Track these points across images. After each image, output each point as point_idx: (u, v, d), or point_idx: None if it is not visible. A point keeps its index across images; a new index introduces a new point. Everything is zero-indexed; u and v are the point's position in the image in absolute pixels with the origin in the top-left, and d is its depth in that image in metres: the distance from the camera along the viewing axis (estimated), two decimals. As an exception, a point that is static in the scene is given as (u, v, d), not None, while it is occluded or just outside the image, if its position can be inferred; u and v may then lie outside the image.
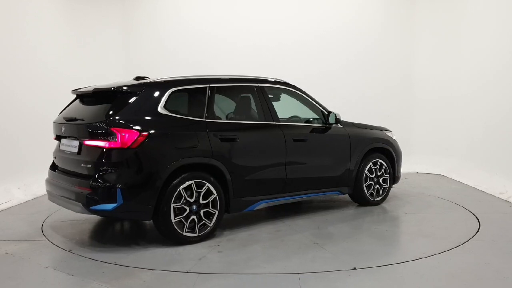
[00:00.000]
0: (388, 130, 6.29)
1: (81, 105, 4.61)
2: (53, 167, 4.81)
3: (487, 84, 7.44)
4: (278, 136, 4.98)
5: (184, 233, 4.22)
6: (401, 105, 9.19)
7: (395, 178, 6.16)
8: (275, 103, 5.64)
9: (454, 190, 6.98)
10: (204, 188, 4.32)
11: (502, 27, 7.01)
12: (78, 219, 5.25)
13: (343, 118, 5.72)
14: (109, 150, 4.03)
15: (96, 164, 4.07)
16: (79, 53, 8.53)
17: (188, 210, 4.23)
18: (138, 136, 4.04)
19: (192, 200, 4.25)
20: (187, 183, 4.22)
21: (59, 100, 6.14)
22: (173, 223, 4.15)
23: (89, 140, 4.18)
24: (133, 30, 9.45)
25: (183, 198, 4.20)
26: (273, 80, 5.39)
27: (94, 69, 8.55)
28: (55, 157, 4.82)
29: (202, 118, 4.49)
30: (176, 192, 4.15)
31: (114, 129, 4.01)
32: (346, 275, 3.52)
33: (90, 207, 3.99)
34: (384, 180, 5.95)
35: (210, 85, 4.68)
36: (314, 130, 5.39)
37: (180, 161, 4.20)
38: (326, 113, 5.50)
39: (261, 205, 4.90)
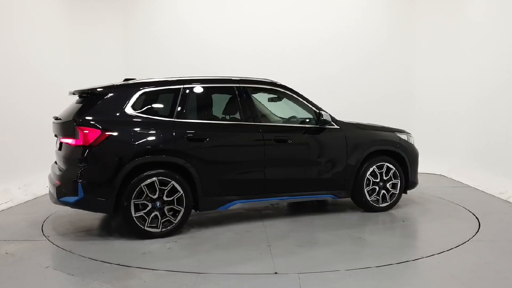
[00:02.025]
0: (403, 132, 5.88)
1: (74, 105, 4.80)
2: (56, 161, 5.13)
3: (487, 85, 7.44)
4: (255, 136, 4.90)
5: (146, 228, 4.42)
6: (401, 105, 9.20)
7: (409, 184, 5.71)
8: (275, 104, 5.64)
9: (454, 190, 6.99)
10: (168, 186, 4.47)
11: (502, 30, 7.01)
12: (78, 219, 5.26)
13: (345, 119, 5.62)
14: (75, 147, 4.38)
15: (66, 160, 4.51)
16: (79, 54, 8.52)
17: (150, 206, 4.43)
18: (100, 135, 4.31)
19: (155, 197, 4.43)
20: (150, 180, 4.40)
21: (58, 100, 6.14)
22: (134, 218, 4.37)
23: (63, 137, 4.60)
24: (132, 33, 9.45)
25: (144, 195, 4.40)
26: (258, 80, 5.29)
27: (93, 71, 8.56)
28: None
29: (172, 118, 4.63)
30: (138, 189, 4.37)
31: (78, 128, 4.33)
32: (346, 275, 3.52)
33: (59, 199, 4.42)
34: (394, 186, 5.57)
35: (184, 86, 4.81)
36: (300, 130, 5.22)
37: (141, 159, 4.40)
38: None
39: (236, 205, 4.93)
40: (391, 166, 5.54)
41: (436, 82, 8.93)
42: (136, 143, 4.41)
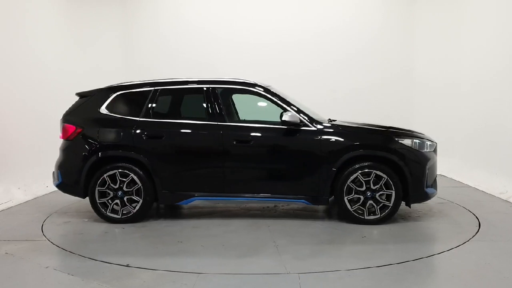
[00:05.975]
0: (410, 136, 5.00)
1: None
2: None
3: (487, 84, 7.44)
4: (214, 136, 4.99)
5: (107, 213, 5.05)
6: (400, 105, 9.21)
7: (410, 197, 4.90)
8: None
9: (454, 190, 6.98)
10: (128, 178, 5.01)
11: (503, 26, 7.01)
12: (78, 219, 5.28)
13: (341, 117, 5.56)
14: (62, 140, 5.25)
15: (59, 151, 5.29)
16: (80, 54, 8.53)
17: (111, 195, 5.03)
18: (75, 130, 5.12)
19: (116, 187, 5.02)
20: (112, 172, 5.00)
21: (59, 100, 6.15)
22: (98, 203, 5.04)
23: (60, 133, 5.36)
24: (134, 31, 9.47)
25: (107, 184, 5.01)
26: (230, 80, 5.30)
27: (95, 70, 8.56)
28: None
29: (138, 117, 5.12)
30: (101, 178, 5.00)
31: (63, 124, 5.23)
32: (346, 275, 3.52)
33: (53, 182, 5.39)
34: (387, 197, 4.86)
35: (155, 88, 5.25)
36: (265, 131, 5.05)
37: (103, 153, 5.04)
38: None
39: (196, 201, 5.17)
40: (382, 174, 4.83)
41: (436, 82, 8.93)
42: (101, 138, 5.08)
